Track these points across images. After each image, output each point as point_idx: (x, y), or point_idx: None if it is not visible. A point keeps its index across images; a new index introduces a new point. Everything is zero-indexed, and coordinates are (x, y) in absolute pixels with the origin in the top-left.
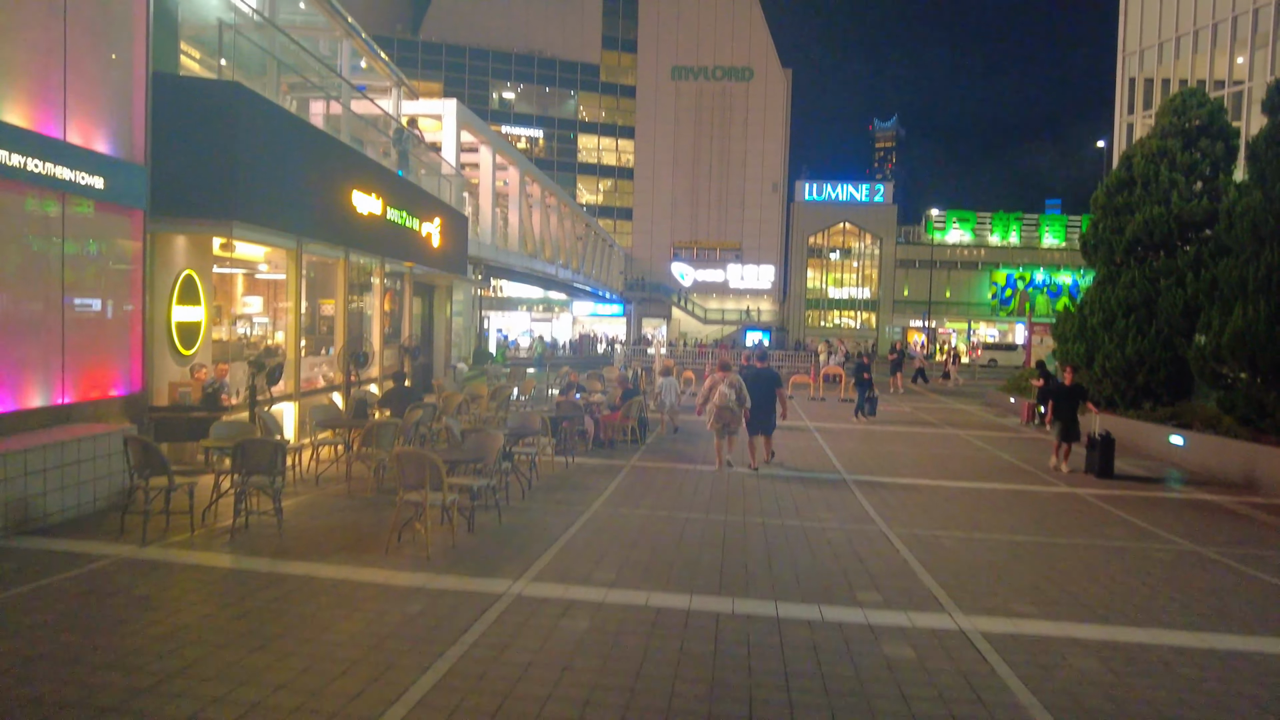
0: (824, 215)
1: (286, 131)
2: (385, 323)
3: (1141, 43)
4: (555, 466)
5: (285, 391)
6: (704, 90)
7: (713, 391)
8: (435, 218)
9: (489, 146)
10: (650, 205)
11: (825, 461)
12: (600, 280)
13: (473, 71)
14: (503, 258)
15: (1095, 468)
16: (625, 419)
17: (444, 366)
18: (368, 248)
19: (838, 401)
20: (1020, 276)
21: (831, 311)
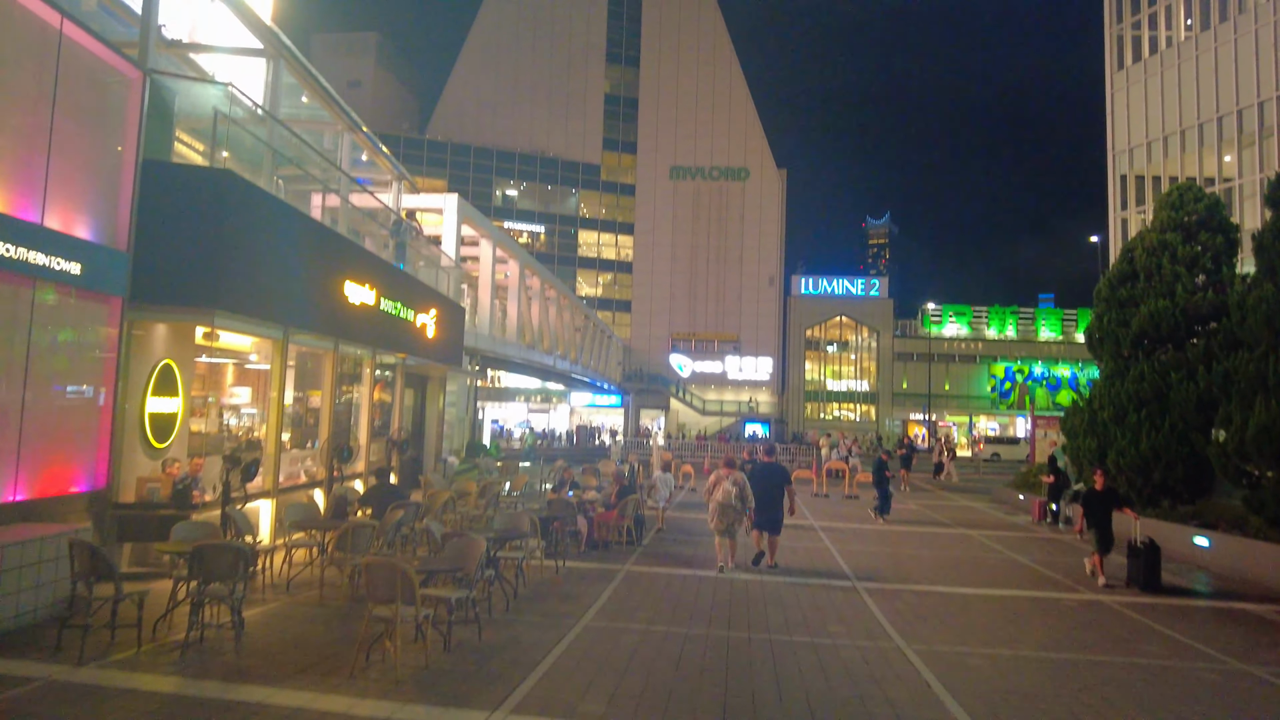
0: (820, 308)
1: (278, 220)
2: (375, 415)
3: (1130, 141)
4: (545, 571)
5: (263, 488)
6: (701, 189)
7: (715, 488)
8: (431, 309)
9: (489, 240)
10: (649, 298)
11: (833, 564)
12: (598, 371)
13: (477, 169)
14: (500, 348)
15: (1139, 579)
16: (621, 518)
17: (434, 460)
18: (359, 338)
19: (842, 498)
20: (1019, 369)
21: (830, 404)
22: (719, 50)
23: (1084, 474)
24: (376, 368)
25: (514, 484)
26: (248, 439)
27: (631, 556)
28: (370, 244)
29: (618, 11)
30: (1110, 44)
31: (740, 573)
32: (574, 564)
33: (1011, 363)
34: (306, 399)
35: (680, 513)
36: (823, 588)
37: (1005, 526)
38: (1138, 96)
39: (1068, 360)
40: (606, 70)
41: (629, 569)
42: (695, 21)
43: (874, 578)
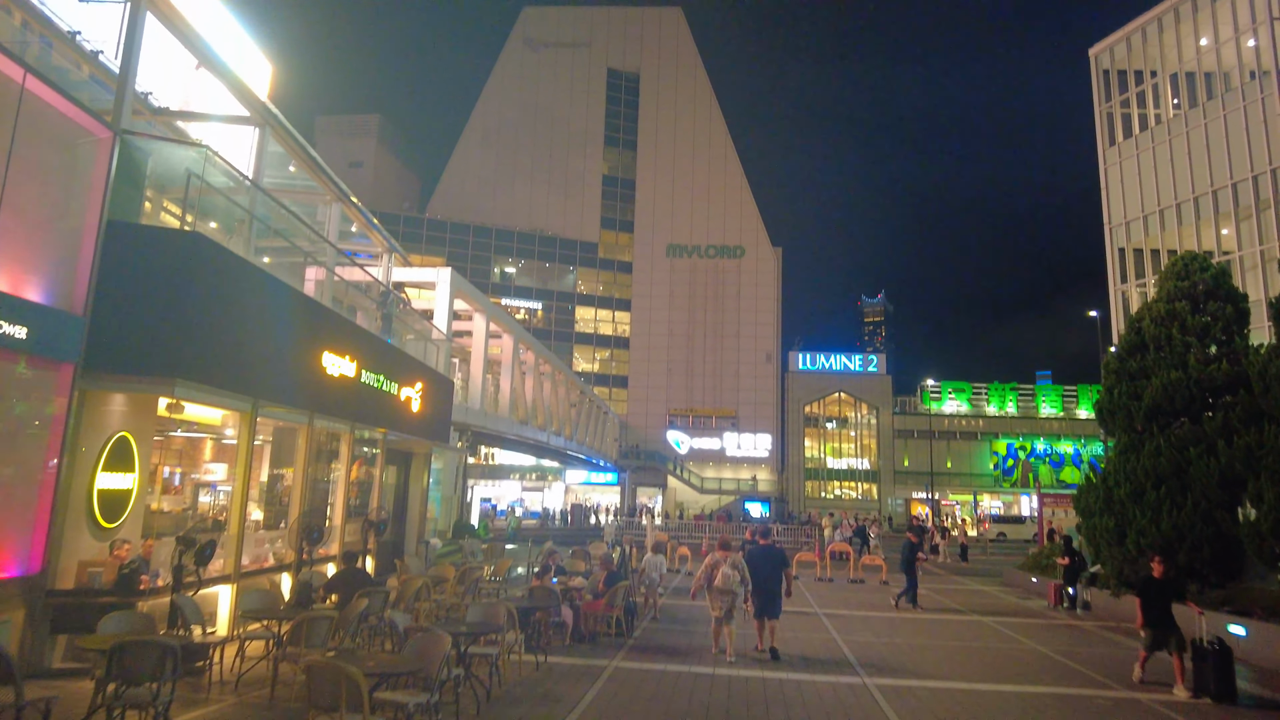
0: (819, 385)
1: (251, 286)
2: (353, 493)
3: (1126, 215)
4: (525, 668)
5: (223, 571)
6: (697, 266)
7: (713, 572)
8: (417, 382)
9: (483, 314)
10: (646, 373)
11: (840, 656)
12: (594, 448)
13: (475, 247)
14: (492, 424)
15: (1210, 687)
16: (609, 608)
17: (416, 543)
18: (337, 412)
19: (846, 582)
20: (1021, 446)
21: (831, 482)
22: (714, 132)
23: (1101, 555)
24: (356, 443)
25: (497, 569)
26: (212, 518)
27: (621, 650)
28: (363, 318)
29: (615, 97)
30: (1100, 121)
31: (740, 668)
32: (557, 659)
33: (1013, 439)
34: (280, 475)
35: (675, 599)
36: (830, 686)
37: (1020, 612)
38: (1131, 171)
39: (1069, 436)
40: (605, 153)
41: (618, 665)
42: (691, 106)
43: (885, 671)
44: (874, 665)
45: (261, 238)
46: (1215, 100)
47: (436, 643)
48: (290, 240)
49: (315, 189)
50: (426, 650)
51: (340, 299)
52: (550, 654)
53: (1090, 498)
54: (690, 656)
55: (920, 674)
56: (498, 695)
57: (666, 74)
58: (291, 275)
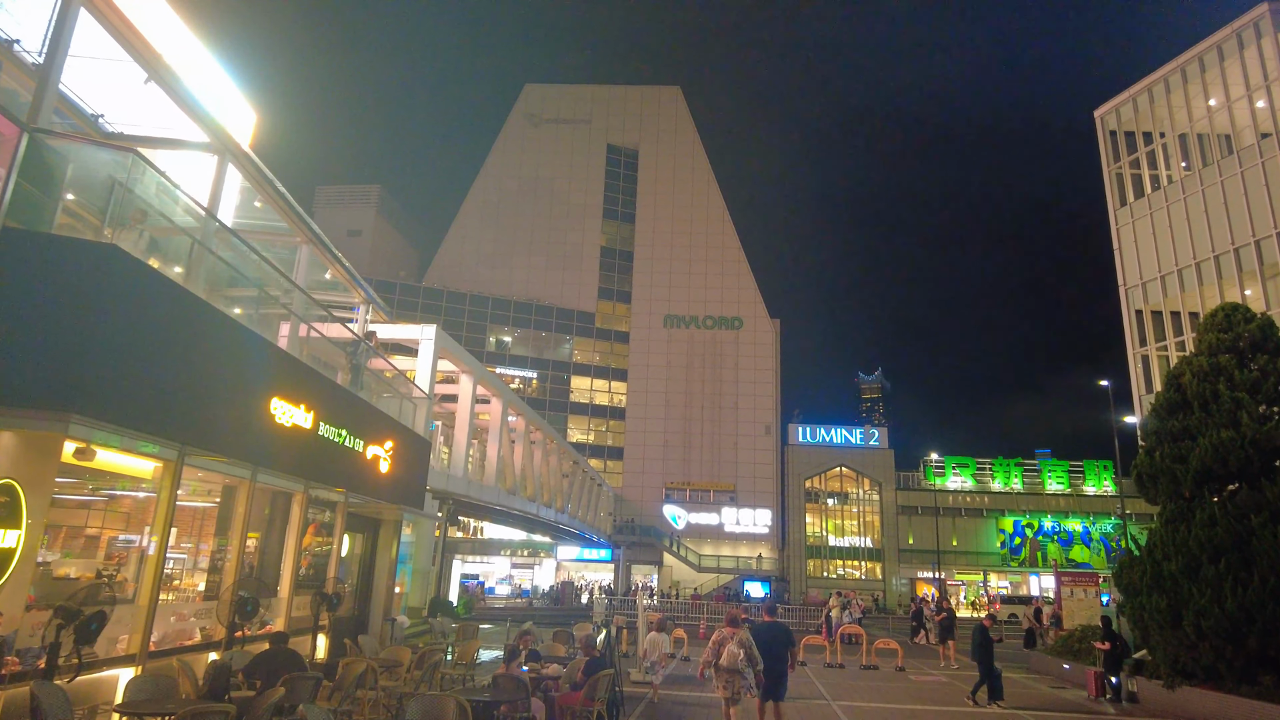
0: (819, 459)
1: (181, 316)
2: (304, 562)
3: (1142, 276)
4: None
5: (126, 650)
6: (695, 337)
7: (720, 651)
8: (387, 440)
9: (469, 376)
10: (641, 445)
11: None
12: (587, 522)
13: (472, 316)
14: (476, 492)
15: None
16: (590, 701)
17: (381, 619)
18: (287, 467)
19: (859, 669)
20: (1028, 524)
21: (834, 560)
22: (711, 206)
23: (1151, 639)
24: (311, 505)
25: (463, 653)
26: (134, 588)
27: None
28: (343, 380)
29: (614, 171)
30: (1110, 182)
31: None
32: None
33: (1020, 516)
34: (220, 539)
35: (671, 689)
36: None
37: (1058, 705)
38: (1145, 231)
39: (1077, 513)
40: (603, 225)
41: None
42: (689, 180)
43: None
44: None
45: (231, 287)
46: (1231, 158)
47: None
48: (258, 286)
49: (283, 230)
50: None
51: (319, 356)
52: None
53: (1134, 574)
54: None
55: None
56: None
57: (665, 149)
58: (264, 329)
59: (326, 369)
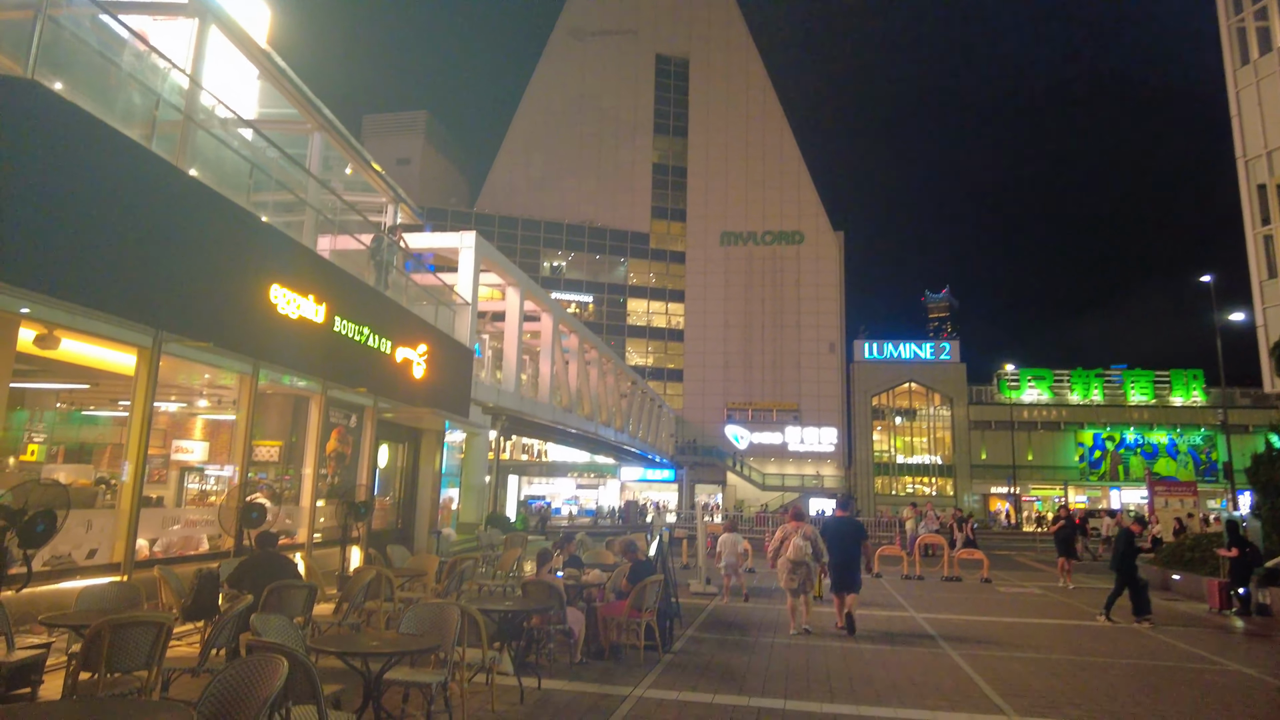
0: (887, 375)
1: (142, 180)
2: (330, 468)
3: (1266, 144)
4: (502, 698)
5: (109, 560)
6: (754, 254)
7: (785, 544)
8: (420, 343)
9: (516, 288)
10: (701, 367)
11: (964, 683)
12: (649, 443)
13: (524, 241)
14: (529, 409)
15: None
16: (636, 612)
17: (428, 533)
18: (296, 364)
19: (940, 581)
20: (1108, 437)
21: (903, 477)
22: (769, 114)
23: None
24: (332, 408)
25: (501, 563)
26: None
27: (652, 671)
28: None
29: (664, 84)
30: (1229, 39)
31: (824, 700)
32: (557, 684)
33: (1100, 430)
34: (214, 437)
35: (734, 601)
36: None
37: (1178, 618)
38: (1273, 93)
39: (1163, 425)
40: (654, 141)
41: (642, 695)
42: (743, 88)
43: (1042, 708)
44: (1019, 696)
45: (231, 179)
46: None
47: (259, 680)
48: (256, 168)
49: (292, 118)
50: (235, 693)
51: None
52: (550, 676)
53: (1275, 470)
54: (749, 683)
55: (1098, 712)
56: None
57: (717, 57)
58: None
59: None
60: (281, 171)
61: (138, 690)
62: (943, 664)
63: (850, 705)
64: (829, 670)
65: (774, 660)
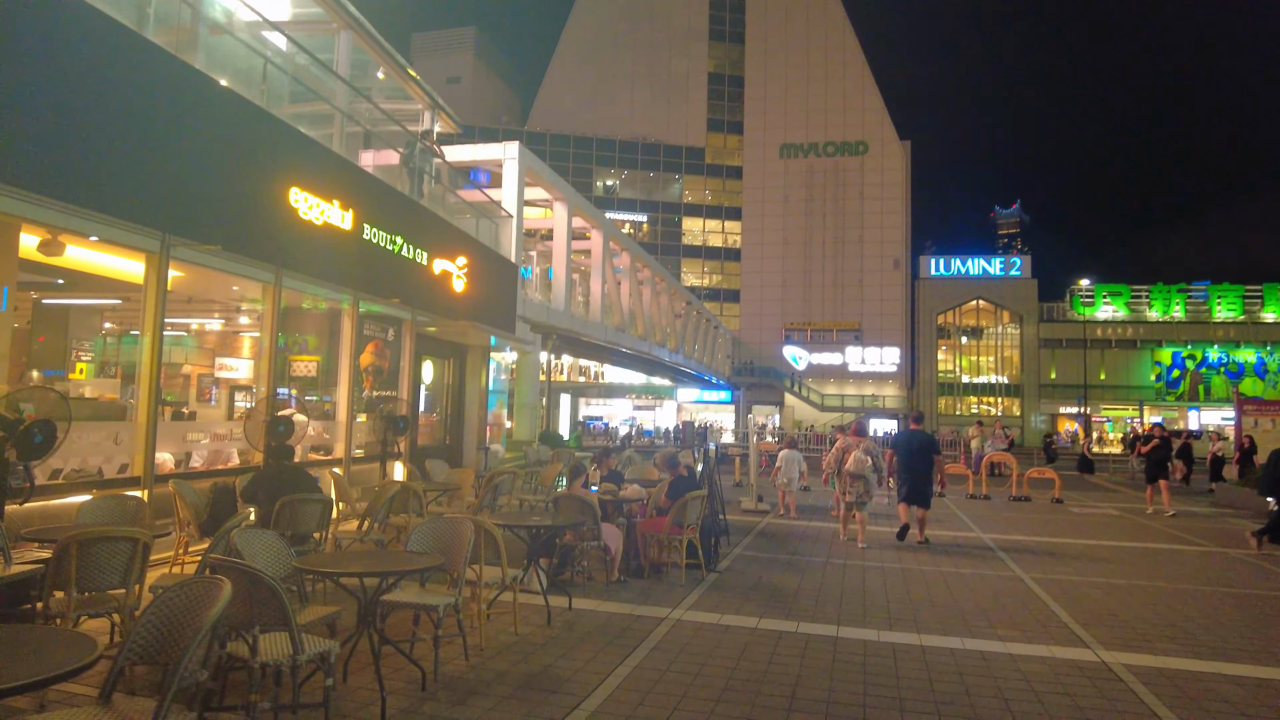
0: (953, 291)
1: (141, 71)
2: (367, 382)
3: None
4: (531, 619)
5: (130, 474)
6: (815, 166)
7: (845, 456)
8: (459, 256)
9: (564, 202)
10: (759, 286)
11: (1042, 613)
12: (705, 364)
13: (576, 159)
14: (580, 327)
15: None
16: (677, 529)
17: (475, 448)
18: (322, 273)
19: (1008, 501)
20: (1189, 355)
21: (967, 397)
22: (830, 18)
23: None
24: (369, 321)
25: (543, 478)
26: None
27: (695, 590)
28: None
29: None
30: None
31: (882, 628)
32: (591, 604)
33: (1179, 347)
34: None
35: (782, 520)
36: (1046, 665)
37: None
38: None
39: (1252, 343)
40: (709, 49)
41: (681, 618)
42: None
43: (1130, 640)
44: (1106, 628)
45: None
46: None
47: (189, 615)
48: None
49: (317, 17)
50: (170, 623)
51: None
52: (585, 595)
53: None
54: (798, 605)
55: (1195, 647)
56: (456, 674)
57: None
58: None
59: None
60: (307, 75)
61: (112, 609)
62: (1014, 589)
63: (910, 634)
64: (887, 594)
65: (827, 581)
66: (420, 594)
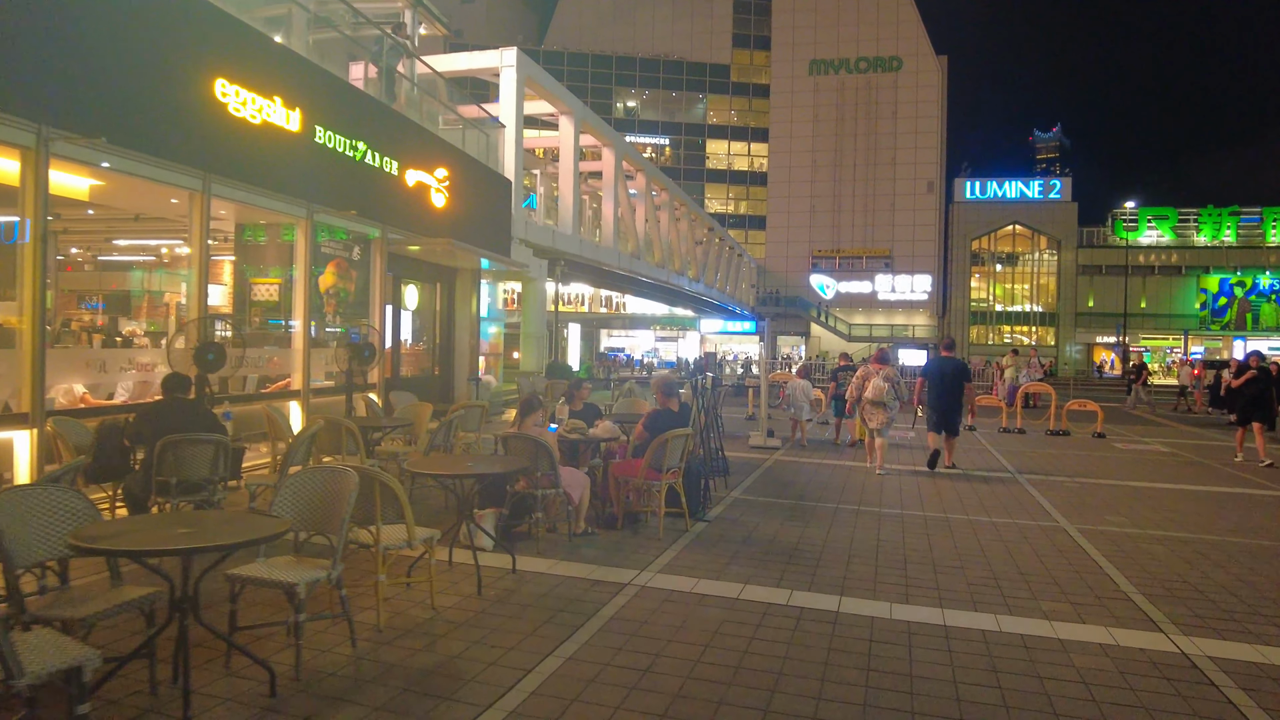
0: (989, 216)
1: None
2: (330, 307)
3: None
4: (456, 591)
5: (15, 410)
6: (846, 84)
7: (865, 384)
8: (438, 167)
9: (570, 116)
10: (786, 212)
11: (1103, 589)
12: (728, 294)
13: (595, 79)
14: (590, 253)
15: None
16: (655, 473)
17: (465, 379)
18: (261, 178)
19: (1045, 435)
20: (1238, 282)
21: (1000, 326)
22: None
23: None
24: (330, 238)
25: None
26: None
27: (673, 547)
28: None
29: None
30: None
31: (895, 599)
32: (541, 565)
33: (1228, 274)
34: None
35: (793, 456)
36: (1108, 657)
37: None
38: None
39: None
40: None
41: (648, 583)
42: None
43: (1212, 619)
44: (1155, 586)
45: None
46: None
47: None
48: None
49: None
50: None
51: None
52: (540, 553)
53: None
54: (797, 564)
55: (1269, 617)
56: (333, 666)
57: None
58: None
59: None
60: None
61: None
62: (1058, 543)
63: (931, 608)
64: (905, 550)
65: (835, 533)
66: (278, 567)
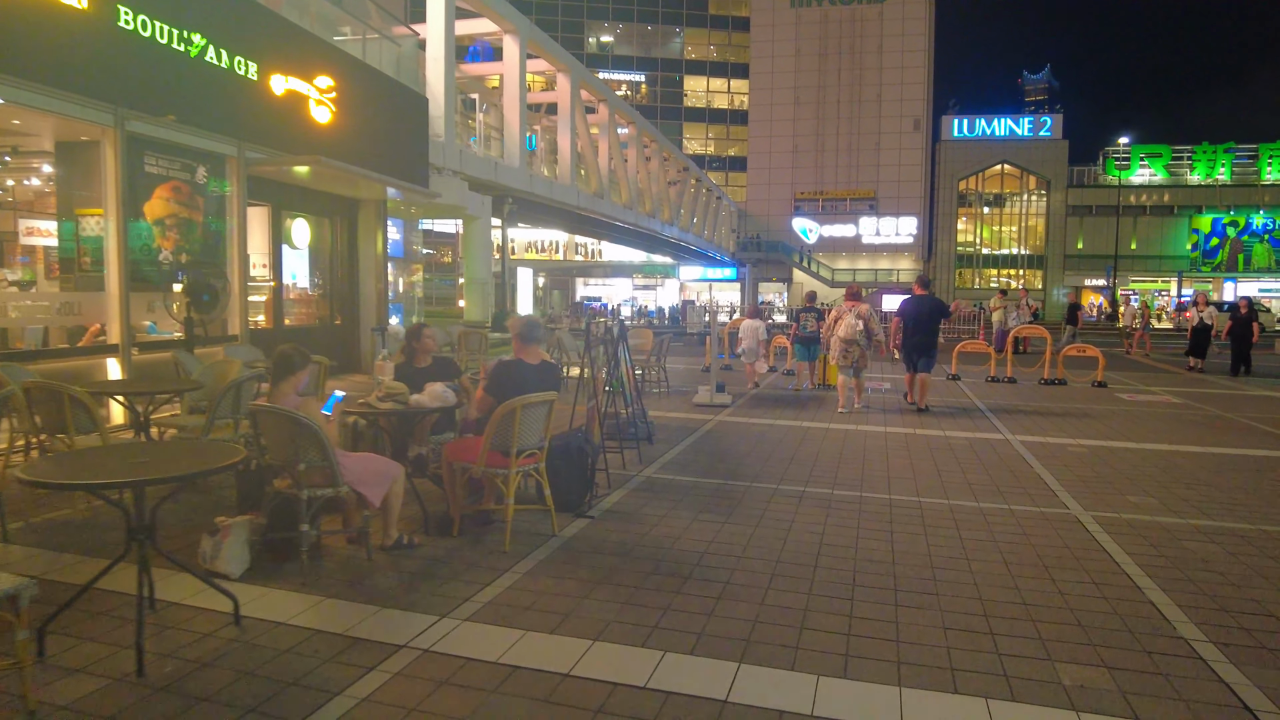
0: (977, 155)
1: None
2: (169, 241)
3: None
4: (115, 664)
5: None
6: (829, 17)
7: (837, 324)
8: (319, 75)
9: (515, 36)
10: (767, 152)
11: (1139, 619)
12: (706, 239)
13: (566, 13)
14: (544, 190)
15: None
16: (500, 458)
17: (369, 329)
18: (44, 75)
19: (1038, 385)
20: (1231, 222)
21: (987, 270)
22: None
23: None
24: (157, 154)
25: (379, 370)
26: None
27: (517, 565)
28: None
29: None
30: None
31: (828, 670)
32: (296, 603)
33: (1221, 214)
34: None
35: (743, 414)
36: None
37: None
38: None
39: None
40: None
41: (435, 643)
42: None
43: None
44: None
45: None
46: None
47: None
48: None
49: None
50: None
51: None
52: (304, 582)
53: None
54: (688, 592)
55: None
56: None
57: None
58: None
59: None
60: None
61: None
62: (1073, 547)
63: (889, 687)
64: (855, 566)
65: (763, 532)
66: None
